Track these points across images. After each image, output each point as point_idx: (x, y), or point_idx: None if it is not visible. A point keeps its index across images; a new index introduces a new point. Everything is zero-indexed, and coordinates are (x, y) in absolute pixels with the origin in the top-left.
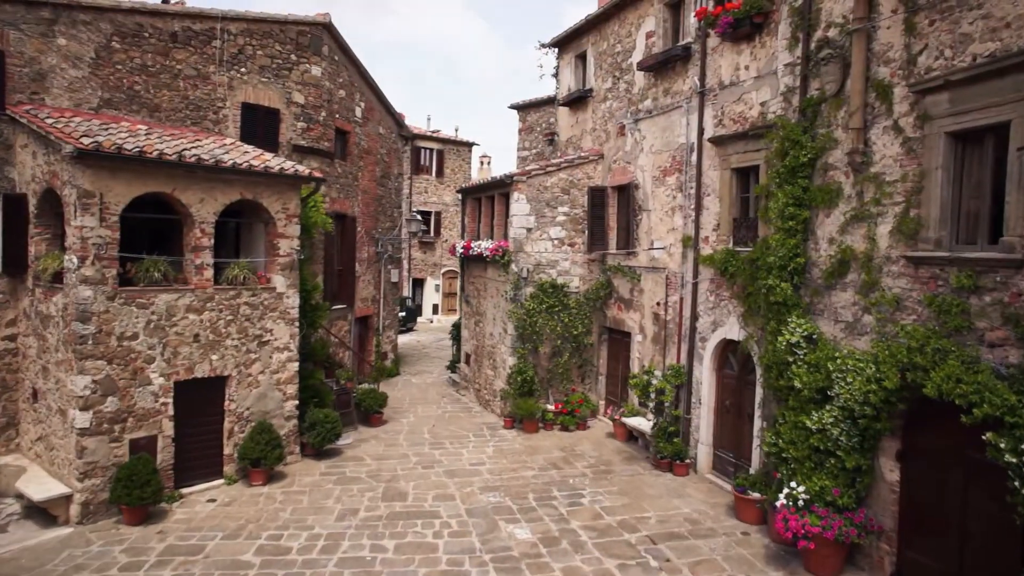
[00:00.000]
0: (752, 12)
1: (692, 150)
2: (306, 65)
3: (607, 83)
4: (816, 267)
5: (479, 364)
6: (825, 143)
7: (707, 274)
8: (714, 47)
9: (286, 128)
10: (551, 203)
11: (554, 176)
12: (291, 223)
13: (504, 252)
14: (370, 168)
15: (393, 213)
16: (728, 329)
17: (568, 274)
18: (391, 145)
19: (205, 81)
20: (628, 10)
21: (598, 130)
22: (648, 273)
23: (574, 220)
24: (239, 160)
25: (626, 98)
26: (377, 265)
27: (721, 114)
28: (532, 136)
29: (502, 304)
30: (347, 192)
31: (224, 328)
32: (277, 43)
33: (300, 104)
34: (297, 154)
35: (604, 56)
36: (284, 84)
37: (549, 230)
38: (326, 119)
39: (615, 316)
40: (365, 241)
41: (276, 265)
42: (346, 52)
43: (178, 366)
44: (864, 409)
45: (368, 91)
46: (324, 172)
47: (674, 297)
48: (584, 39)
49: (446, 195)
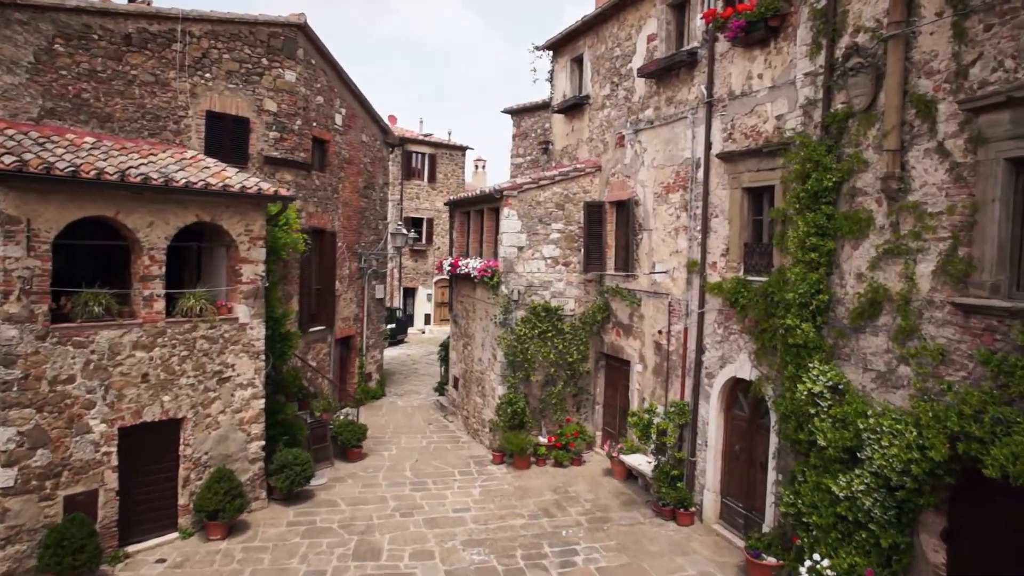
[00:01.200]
0: (767, 14)
1: (698, 166)
2: (279, 70)
3: (605, 89)
4: (841, 305)
5: (467, 390)
6: (853, 165)
7: (714, 304)
8: (723, 53)
9: (257, 138)
10: (544, 219)
11: (547, 190)
12: (255, 246)
13: (493, 273)
14: (352, 179)
15: (378, 225)
16: (738, 367)
17: (562, 296)
18: (375, 153)
19: (164, 88)
20: (628, 11)
21: (595, 140)
22: (649, 298)
23: (569, 238)
24: (194, 179)
25: (625, 106)
26: (360, 281)
27: (731, 127)
28: (526, 142)
29: (491, 328)
30: (326, 206)
31: (178, 365)
32: (246, 46)
33: (272, 112)
34: (269, 166)
35: (602, 60)
36: (254, 91)
37: (542, 248)
38: (302, 128)
39: (613, 342)
40: (347, 257)
41: (238, 293)
42: (324, 55)
43: (123, 410)
44: (903, 480)
45: (350, 97)
46: (300, 185)
47: (678, 326)
48: (580, 42)
49: (438, 201)
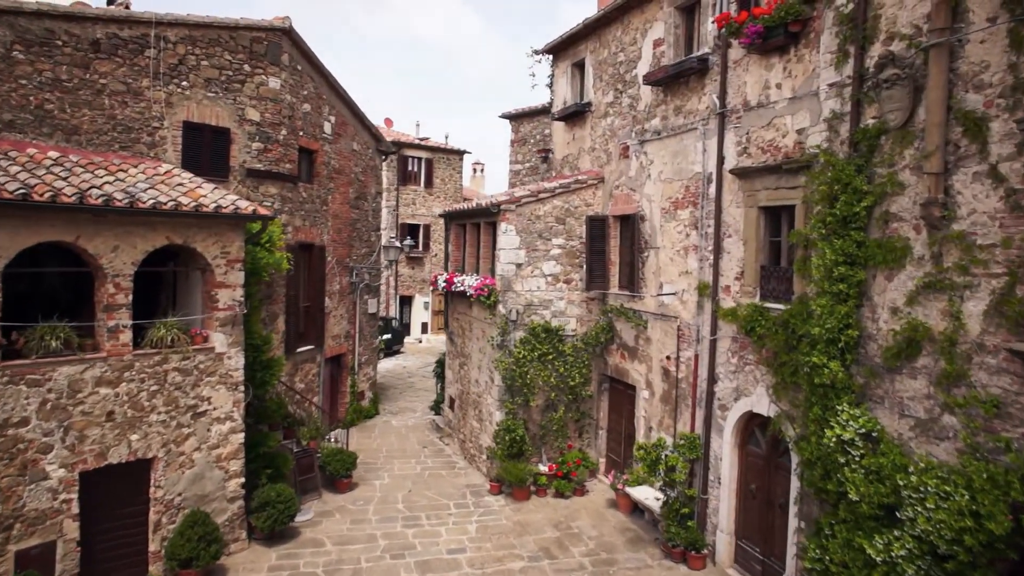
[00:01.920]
0: (787, 19)
1: (709, 181)
2: (262, 77)
3: (608, 96)
4: (873, 342)
5: (464, 412)
6: (886, 187)
7: (728, 331)
8: (737, 60)
9: (238, 150)
10: (544, 234)
11: (547, 204)
12: (233, 270)
13: (490, 291)
14: (342, 189)
15: (370, 237)
16: (754, 400)
17: (564, 315)
18: (367, 162)
19: (137, 98)
20: (632, 14)
21: (598, 150)
22: (656, 320)
23: (570, 254)
24: (163, 199)
25: (630, 115)
26: (352, 296)
27: (746, 141)
28: (525, 148)
29: (488, 350)
30: (314, 219)
31: (148, 401)
32: (227, 52)
33: (255, 122)
34: (252, 179)
35: (604, 66)
36: (235, 99)
37: (542, 265)
38: (287, 138)
39: (617, 365)
40: (337, 272)
41: (215, 321)
42: (311, 60)
43: (85, 453)
44: (954, 549)
45: (340, 104)
46: (286, 198)
47: (687, 352)
48: (582, 46)
49: (436, 207)
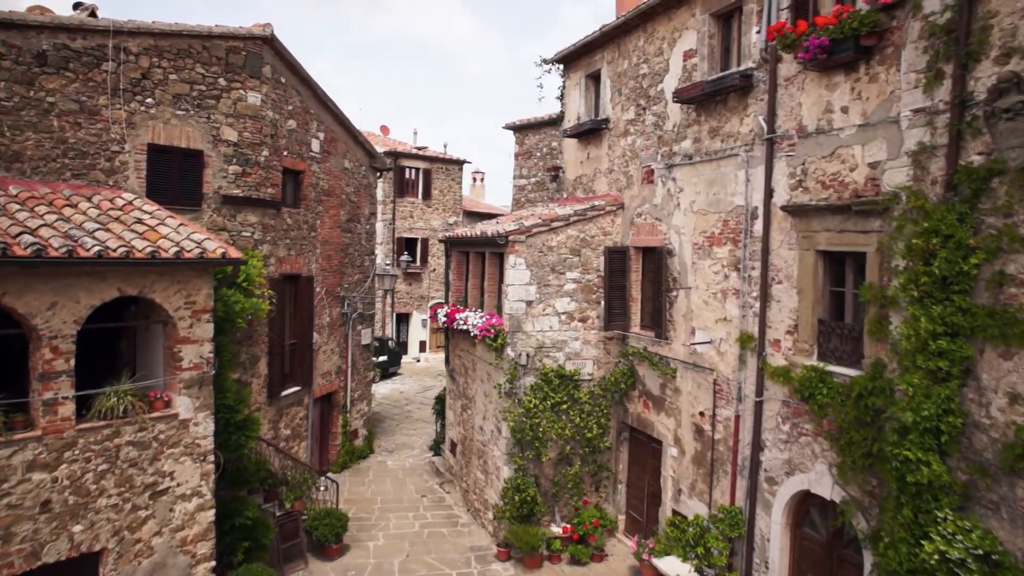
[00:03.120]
0: (860, 31)
1: (754, 217)
2: (240, 91)
3: (628, 113)
4: (982, 433)
5: (467, 459)
6: (1001, 242)
7: (778, 392)
8: (789, 77)
9: (213, 174)
10: (557, 268)
11: (561, 233)
12: (199, 322)
13: (497, 333)
14: (332, 212)
15: (363, 262)
16: (813, 479)
17: (579, 357)
18: (360, 181)
19: (92, 118)
20: (658, 21)
21: (616, 172)
22: (687, 370)
23: (587, 288)
24: (113, 244)
25: (655, 135)
26: (343, 328)
27: (801, 173)
28: (531, 162)
29: (494, 396)
30: (301, 247)
31: (95, 483)
32: (199, 64)
33: (232, 142)
34: (229, 207)
35: (624, 78)
36: (209, 117)
37: (555, 302)
38: (269, 159)
39: (640, 414)
40: (327, 303)
41: (178, 383)
42: (296, 72)
43: (12, 554)
44: None
45: (329, 118)
46: (268, 227)
47: (726, 411)
48: (598, 55)
49: (434, 219)
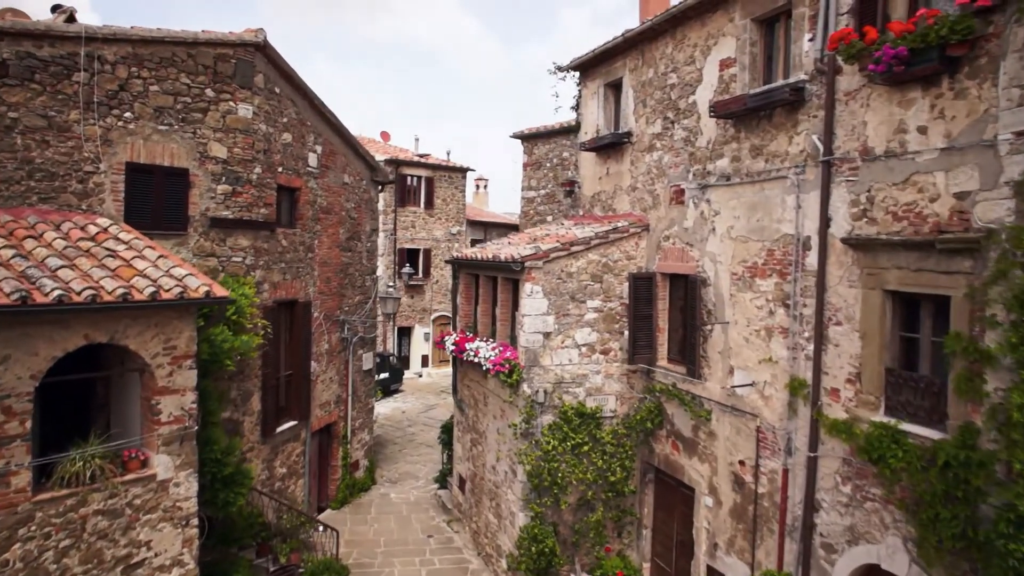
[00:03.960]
0: (947, 39)
1: (807, 248)
2: (230, 103)
3: (654, 126)
4: None
5: (477, 498)
6: None
7: (836, 448)
8: (851, 91)
9: (199, 195)
10: (577, 296)
11: (581, 258)
12: (181, 369)
13: (512, 368)
14: (331, 231)
15: (364, 282)
16: (883, 552)
17: (601, 393)
18: (361, 195)
19: (62, 135)
20: (690, 27)
21: (640, 190)
22: (724, 413)
23: (609, 318)
24: (77, 286)
25: (686, 151)
26: (343, 354)
27: (867, 201)
28: (541, 173)
29: (508, 435)
30: (297, 270)
31: (55, 563)
32: (184, 74)
33: (221, 159)
34: (218, 231)
35: (649, 88)
36: (195, 132)
37: (575, 333)
38: (262, 176)
39: (668, 456)
40: (325, 328)
41: (156, 439)
42: (292, 81)
43: None
44: None
45: (328, 130)
46: (261, 250)
47: (772, 463)
48: (619, 63)
49: (436, 229)
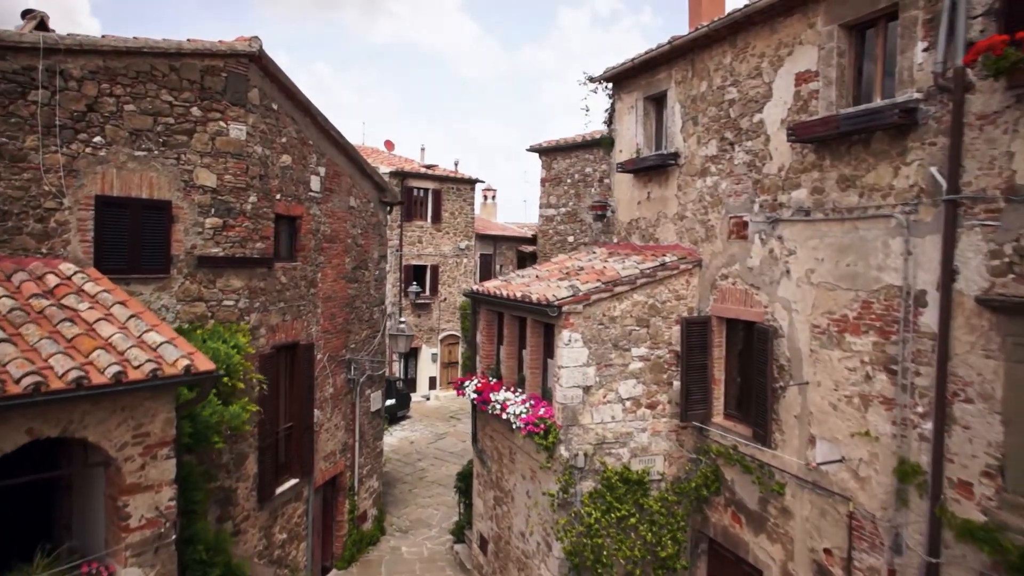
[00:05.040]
0: None
1: (920, 304)
2: (220, 123)
3: (708, 147)
4: None
5: (502, 564)
6: None
7: (972, 557)
8: (986, 113)
9: (184, 231)
10: (621, 343)
11: (626, 300)
12: (156, 460)
13: (548, 428)
14: (336, 261)
15: (372, 314)
16: None
17: (647, 453)
18: (368, 219)
19: (16, 165)
20: (756, 33)
21: (690, 219)
22: (803, 489)
23: (656, 367)
24: (17, 371)
25: (750, 178)
26: (350, 396)
27: (1013, 252)
28: (560, 189)
29: (542, 503)
30: (298, 309)
31: None
32: (165, 90)
33: (210, 188)
34: (207, 271)
35: (701, 104)
36: (179, 158)
37: (618, 386)
38: (258, 205)
39: (726, 528)
40: (330, 371)
41: (124, 549)
42: (291, 95)
43: None
44: None
45: (332, 149)
46: (257, 290)
47: (871, 559)
48: (663, 74)
49: (444, 244)
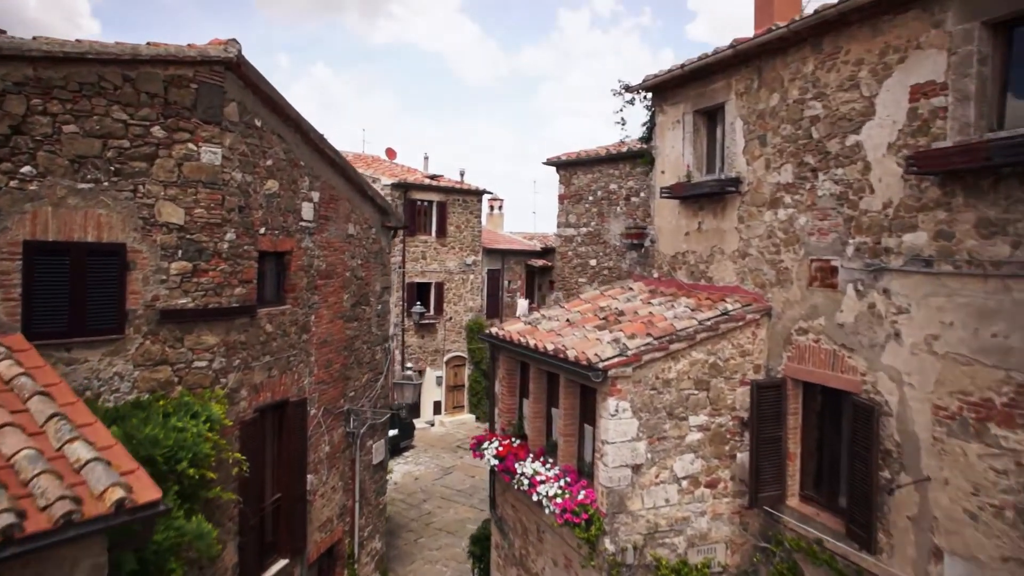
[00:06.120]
0: None
1: None
2: (188, 146)
3: (781, 173)
4: None
5: None
6: None
7: None
8: None
9: (143, 279)
10: (676, 410)
11: (682, 359)
12: None
13: (590, 518)
14: (333, 299)
15: (374, 355)
16: None
17: (706, 540)
18: (369, 247)
19: None
20: (852, 35)
21: (754, 258)
22: None
23: (717, 437)
24: None
25: (840, 213)
26: (349, 452)
27: None
28: (582, 207)
29: None
30: (287, 361)
31: None
32: (117, 107)
33: (176, 225)
34: (172, 327)
35: (772, 120)
36: (137, 190)
37: (672, 462)
38: (238, 243)
39: None
40: (325, 427)
41: None
42: (278, 109)
43: None
44: None
45: (327, 169)
46: (236, 345)
47: None
48: (719, 83)
49: (450, 260)
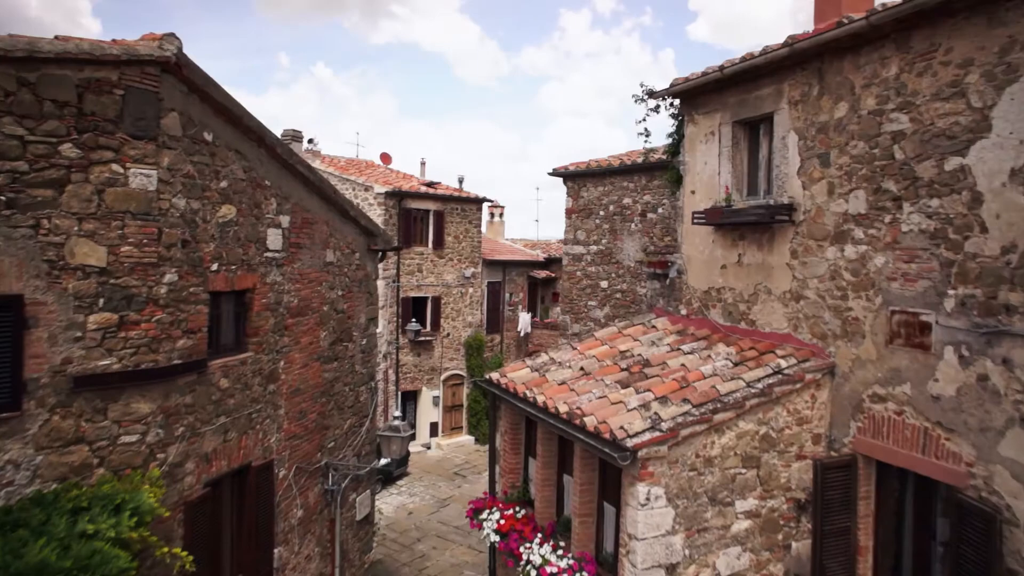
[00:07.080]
0: None
1: None
2: (112, 167)
3: (850, 201)
4: None
5: None
6: None
7: None
8: None
9: (49, 338)
10: (720, 494)
11: (728, 432)
12: None
13: None
14: (307, 339)
15: (358, 396)
16: None
17: None
18: (353, 274)
19: None
20: (954, 29)
21: (813, 301)
22: None
23: (769, 525)
24: None
25: (935, 256)
26: (327, 511)
27: None
28: (591, 223)
29: None
30: (249, 419)
31: None
32: (10, 119)
33: (95, 269)
34: (90, 397)
35: (838, 135)
36: (40, 225)
37: (715, 558)
38: (179, 285)
39: None
40: (297, 490)
41: None
42: (235, 120)
43: None
44: None
45: (299, 188)
46: (178, 411)
47: None
48: (766, 89)
49: (447, 273)
